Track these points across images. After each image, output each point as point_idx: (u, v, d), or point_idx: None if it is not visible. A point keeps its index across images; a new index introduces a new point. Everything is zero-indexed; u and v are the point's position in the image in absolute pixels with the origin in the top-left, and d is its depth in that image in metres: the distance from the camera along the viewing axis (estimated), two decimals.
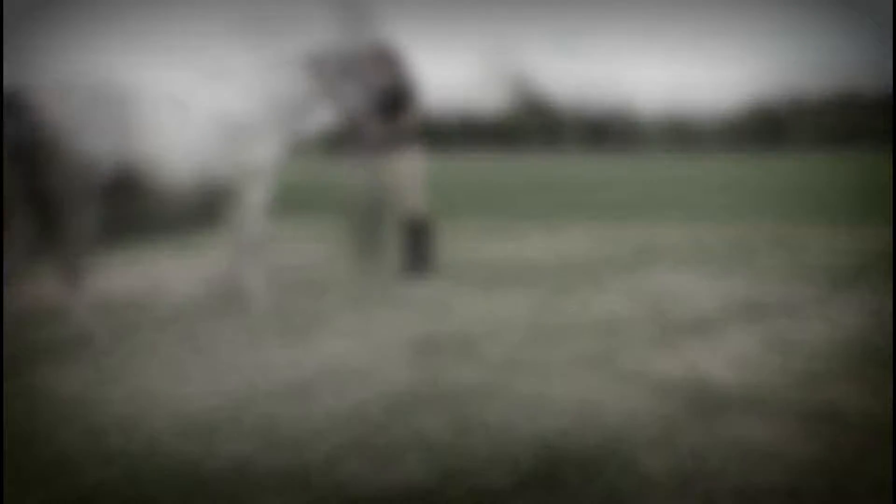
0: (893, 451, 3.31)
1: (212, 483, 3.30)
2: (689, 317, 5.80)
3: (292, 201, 17.01)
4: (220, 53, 6.47)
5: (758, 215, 12.19)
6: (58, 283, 5.55)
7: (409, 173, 7.62)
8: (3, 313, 5.18)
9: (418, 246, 7.69)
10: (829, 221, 11.08)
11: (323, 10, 6.83)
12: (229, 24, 6.44)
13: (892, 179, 16.59)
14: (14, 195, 5.36)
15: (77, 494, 3.25)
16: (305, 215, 15.39)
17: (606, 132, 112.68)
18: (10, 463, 3.49)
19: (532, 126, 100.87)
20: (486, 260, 8.87)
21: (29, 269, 5.63)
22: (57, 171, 5.20)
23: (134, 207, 11.39)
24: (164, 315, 6.51)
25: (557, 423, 3.83)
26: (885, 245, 8.86)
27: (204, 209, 13.87)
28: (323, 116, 6.85)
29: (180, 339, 5.69)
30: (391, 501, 3.17)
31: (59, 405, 4.30)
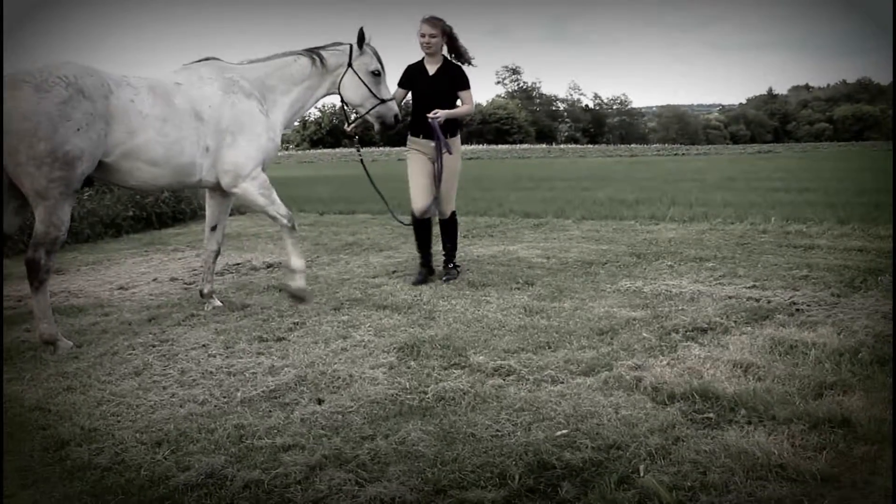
0: (893, 457, 3.32)
1: (182, 497, 3.29)
2: (690, 320, 5.80)
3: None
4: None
5: (763, 213, 12.21)
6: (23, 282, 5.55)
7: (453, 166, 7.63)
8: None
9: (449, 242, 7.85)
10: (839, 219, 11.09)
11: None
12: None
13: (893, 177, 16.63)
14: None
15: None
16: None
17: (604, 125, 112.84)
18: None
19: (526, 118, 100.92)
20: (476, 259, 8.87)
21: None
22: (31, 164, 5.19)
23: (106, 203, 11.40)
24: (132, 318, 6.48)
25: (551, 432, 3.83)
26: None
27: (178, 205, 13.89)
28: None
29: (150, 343, 5.67)
30: None
31: (20, 414, 4.27)
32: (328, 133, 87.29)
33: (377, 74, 6.89)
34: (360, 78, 6.81)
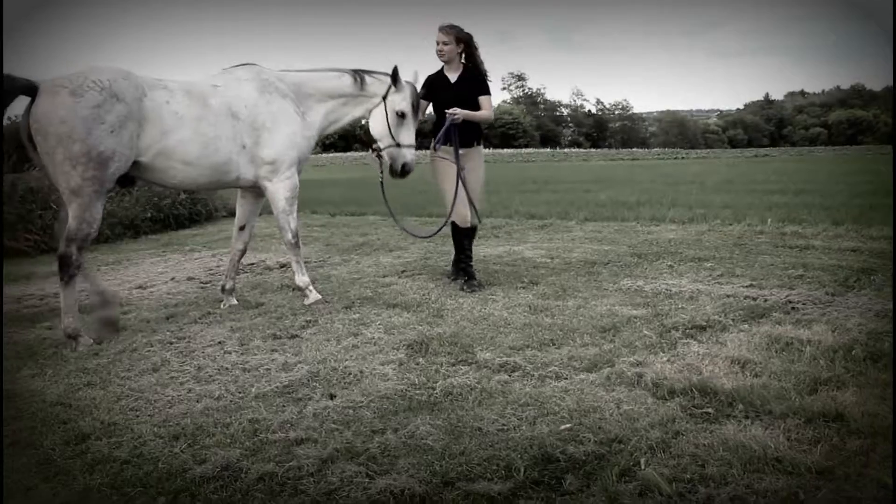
0: (893, 454, 3.31)
1: (199, 489, 3.29)
2: (689, 318, 5.79)
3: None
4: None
5: (760, 214, 12.18)
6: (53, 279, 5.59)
7: (477, 173, 7.48)
8: (3, 312, 5.22)
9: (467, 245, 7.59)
10: (833, 221, 11.06)
11: None
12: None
13: (892, 178, 16.58)
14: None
15: (61, 502, 3.24)
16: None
17: (606, 129, 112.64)
18: None
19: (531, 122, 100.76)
20: (483, 259, 8.86)
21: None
22: (67, 163, 5.25)
23: (125, 205, 11.40)
24: (150, 316, 6.49)
25: (555, 427, 3.83)
26: (889, 245, 8.87)
27: (194, 207, 13.90)
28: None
29: (167, 340, 5.68)
30: None
31: (42, 409, 4.28)
32: (339, 137, 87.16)
33: (402, 116, 6.73)
34: (386, 113, 6.72)
